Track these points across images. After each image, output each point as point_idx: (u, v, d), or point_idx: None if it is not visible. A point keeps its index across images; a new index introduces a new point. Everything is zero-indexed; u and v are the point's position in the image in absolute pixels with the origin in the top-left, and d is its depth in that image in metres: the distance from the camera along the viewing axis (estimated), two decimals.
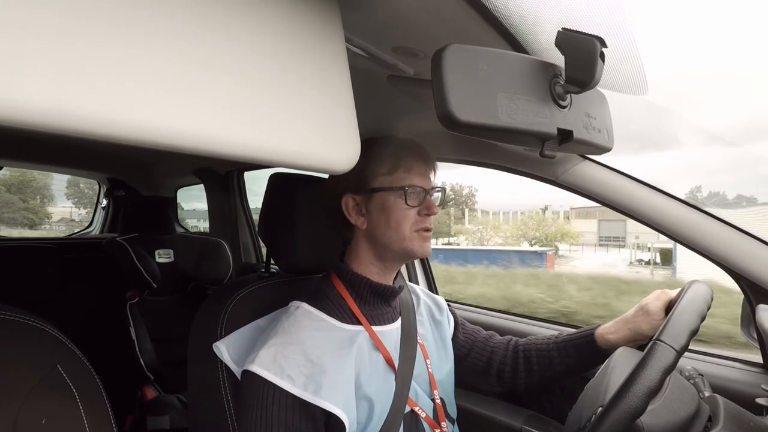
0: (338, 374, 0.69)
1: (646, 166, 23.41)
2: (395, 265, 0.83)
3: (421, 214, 0.78)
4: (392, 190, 0.77)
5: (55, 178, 5.81)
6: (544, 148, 0.52)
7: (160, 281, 1.81)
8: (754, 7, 46.62)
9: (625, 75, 0.59)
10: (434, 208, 0.79)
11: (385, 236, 0.78)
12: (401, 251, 0.78)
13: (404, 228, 0.77)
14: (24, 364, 0.54)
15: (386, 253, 0.79)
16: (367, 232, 0.80)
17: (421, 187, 0.78)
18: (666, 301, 0.81)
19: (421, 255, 0.80)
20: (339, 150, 0.44)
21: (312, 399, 0.65)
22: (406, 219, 0.77)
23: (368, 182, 0.78)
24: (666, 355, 0.55)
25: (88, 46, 0.29)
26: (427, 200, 0.78)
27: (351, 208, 0.80)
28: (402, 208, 0.76)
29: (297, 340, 0.70)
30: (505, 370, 0.93)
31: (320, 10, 0.45)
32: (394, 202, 0.77)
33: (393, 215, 0.77)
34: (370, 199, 0.78)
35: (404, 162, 0.78)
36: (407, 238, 0.77)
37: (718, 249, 0.86)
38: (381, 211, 0.77)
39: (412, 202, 0.76)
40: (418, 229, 0.77)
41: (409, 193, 0.76)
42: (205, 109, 0.35)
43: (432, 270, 1.59)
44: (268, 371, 0.66)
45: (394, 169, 0.77)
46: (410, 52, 0.65)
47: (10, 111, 0.26)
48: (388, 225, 0.77)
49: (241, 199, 2.20)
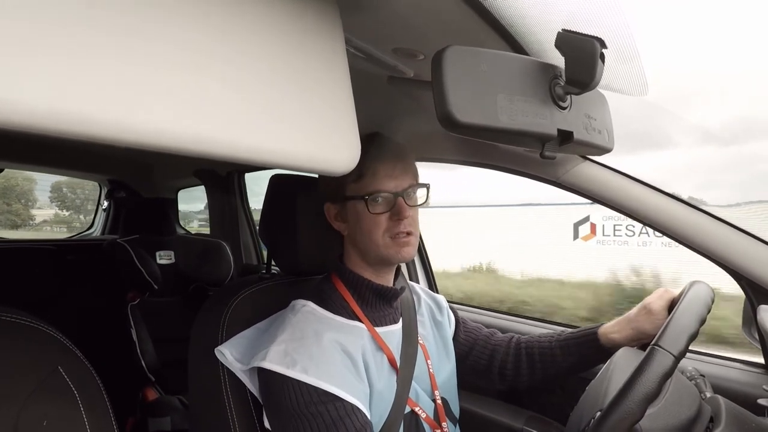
0: (348, 367, 0.69)
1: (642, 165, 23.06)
2: (384, 269, 0.81)
3: (392, 219, 0.74)
4: (359, 199, 0.74)
5: (38, 183, 6.04)
6: (545, 149, 0.52)
7: (161, 282, 1.81)
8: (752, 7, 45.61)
9: (626, 76, 0.59)
10: (405, 212, 0.74)
11: (362, 243, 0.77)
12: (377, 258, 0.77)
13: (376, 236, 0.74)
14: (25, 366, 0.54)
15: (369, 258, 0.79)
16: (349, 238, 0.80)
17: (387, 192, 0.74)
18: (669, 299, 0.80)
19: (399, 261, 0.78)
20: (339, 151, 0.44)
21: (327, 387, 0.65)
22: (376, 226, 0.74)
23: (341, 190, 0.77)
24: (664, 361, 0.55)
25: (88, 49, 0.29)
26: (397, 204, 0.74)
27: (333, 216, 0.80)
28: (369, 216, 0.74)
29: (306, 334, 0.70)
30: (507, 367, 0.93)
31: (320, 12, 0.45)
32: (362, 210, 0.74)
33: (363, 224, 0.75)
34: (344, 207, 0.78)
35: (370, 167, 0.74)
36: (381, 245, 0.75)
37: (719, 249, 0.85)
38: (355, 219, 0.76)
39: (376, 209, 0.73)
40: (393, 236, 0.74)
41: (370, 201, 0.73)
42: (205, 111, 0.35)
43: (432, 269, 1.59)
44: (279, 365, 0.66)
45: (360, 176, 0.74)
46: (410, 54, 0.65)
47: (12, 114, 0.26)
48: (362, 233, 0.76)
49: (241, 200, 2.20)
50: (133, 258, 1.78)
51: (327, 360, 0.67)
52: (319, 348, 0.68)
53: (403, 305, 0.86)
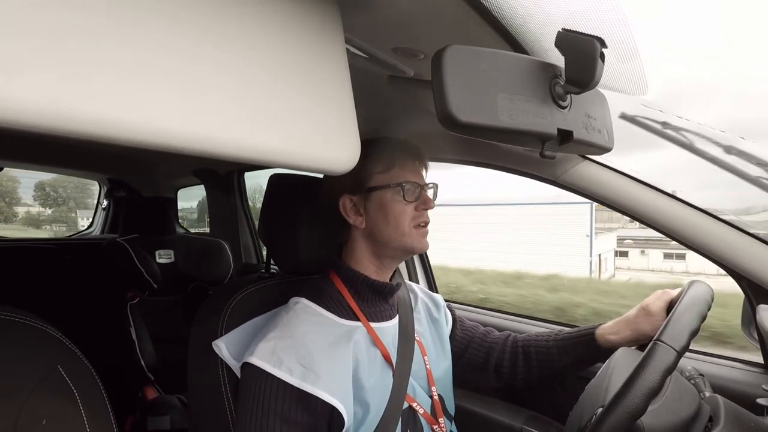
0: (336, 367, 0.69)
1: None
2: (393, 262, 0.84)
3: (418, 209, 0.80)
4: (389, 188, 0.78)
5: (22, 184, 6.26)
6: (545, 149, 0.52)
7: (161, 282, 1.81)
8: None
9: (625, 75, 0.59)
10: (431, 203, 0.81)
11: (384, 233, 0.79)
12: (400, 247, 0.79)
13: (403, 224, 0.78)
14: (24, 365, 0.54)
15: (385, 250, 0.81)
16: (365, 231, 0.81)
17: (416, 183, 0.80)
18: (667, 301, 0.81)
19: (420, 250, 0.81)
20: (339, 151, 0.44)
21: (310, 389, 0.65)
22: (404, 215, 0.78)
23: (365, 182, 0.79)
24: (666, 355, 0.55)
25: (89, 48, 0.29)
26: (423, 195, 0.81)
27: (349, 209, 0.81)
28: (400, 204, 0.78)
29: (295, 333, 0.71)
30: (504, 365, 0.94)
31: (320, 12, 0.45)
32: (391, 198, 0.78)
33: (391, 212, 0.78)
34: (368, 198, 0.80)
35: (399, 160, 0.80)
36: (406, 234, 0.78)
37: (719, 249, 0.85)
38: (379, 209, 0.79)
39: (409, 197, 0.78)
40: (416, 225, 0.79)
41: (406, 189, 0.78)
42: (205, 110, 0.35)
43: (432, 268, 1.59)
44: (266, 363, 0.67)
45: (390, 167, 0.79)
46: (410, 53, 0.65)
47: (11, 113, 0.26)
48: (387, 222, 0.78)
49: (241, 199, 2.20)
50: (133, 257, 1.78)
51: (313, 361, 0.68)
52: (307, 349, 0.69)
53: (399, 302, 0.87)
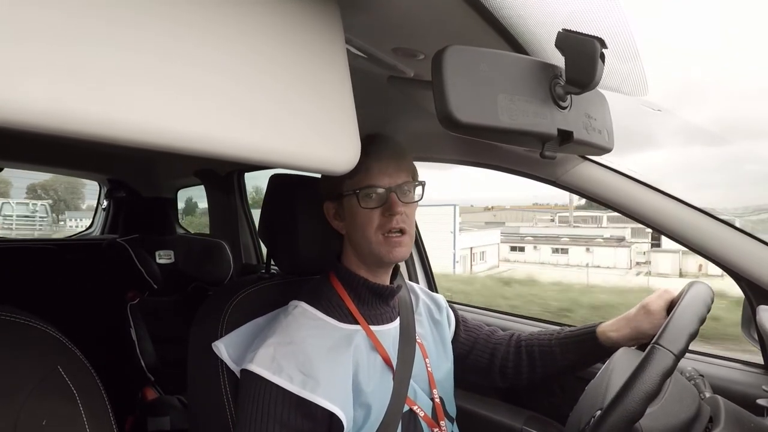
0: (335, 373, 0.69)
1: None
2: (380, 268, 0.81)
3: (385, 216, 0.75)
4: (353, 194, 0.75)
5: (14, 186, 6.63)
6: (545, 149, 0.52)
7: (161, 282, 1.81)
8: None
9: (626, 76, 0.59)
10: (395, 207, 0.74)
11: (357, 241, 0.77)
12: (372, 256, 0.77)
13: (368, 232, 0.75)
14: (24, 366, 0.54)
15: (363, 257, 0.79)
16: (347, 236, 0.81)
17: (379, 187, 0.74)
18: (668, 300, 0.80)
19: (390, 261, 0.77)
20: (339, 151, 0.44)
21: (310, 396, 0.65)
22: (369, 222, 0.74)
23: (338, 188, 0.78)
24: (664, 359, 0.55)
25: (88, 49, 0.29)
26: (389, 199, 0.74)
27: (332, 215, 0.81)
28: (363, 211, 0.75)
29: (295, 339, 0.70)
30: (508, 366, 0.93)
31: (320, 12, 0.45)
32: (355, 205, 0.75)
33: (357, 220, 0.76)
34: (341, 204, 0.79)
35: (364, 163, 0.73)
36: (374, 242, 0.75)
37: (719, 250, 0.85)
38: (350, 216, 0.77)
39: (367, 204, 0.74)
40: (385, 232, 0.74)
41: (361, 195, 0.74)
42: (205, 111, 0.35)
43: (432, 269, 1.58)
44: (266, 370, 0.66)
45: (356, 171, 0.74)
46: (410, 53, 0.65)
47: (11, 113, 0.26)
48: (356, 230, 0.77)
49: (241, 199, 2.20)
50: (133, 257, 1.78)
51: (313, 367, 0.67)
52: (306, 355, 0.68)
53: (400, 304, 0.86)
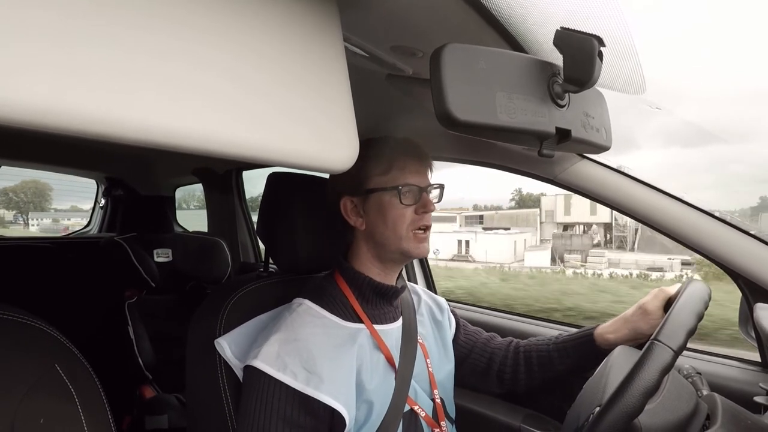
0: (339, 370, 0.69)
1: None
2: (396, 265, 0.83)
3: (418, 213, 0.78)
4: (387, 190, 0.77)
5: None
6: (543, 147, 0.52)
7: (159, 281, 1.81)
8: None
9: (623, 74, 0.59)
10: (431, 206, 0.79)
11: (383, 237, 0.78)
12: (398, 251, 0.78)
13: (401, 227, 0.77)
14: (22, 364, 0.54)
15: (385, 253, 0.80)
16: (365, 233, 0.81)
17: (416, 185, 0.78)
18: (664, 299, 0.81)
19: (417, 255, 0.80)
20: (337, 149, 0.44)
21: (314, 393, 0.65)
22: (402, 218, 0.77)
23: (364, 183, 0.79)
24: (663, 355, 0.55)
25: (87, 46, 0.29)
26: (423, 198, 0.79)
27: (349, 210, 0.81)
28: (398, 207, 0.77)
29: (299, 336, 0.70)
30: (506, 371, 0.93)
31: (319, 10, 0.45)
32: (389, 201, 0.77)
33: (389, 215, 0.77)
34: (367, 200, 0.79)
35: (398, 161, 0.78)
36: (404, 238, 0.77)
37: (716, 248, 0.86)
38: (377, 211, 0.78)
39: (407, 200, 0.77)
40: (415, 229, 0.78)
41: (403, 191, 0.76)
42: (203, 109, 0.35)
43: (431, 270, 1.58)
44: (271, 366, 0.67)
45: (389, 168, 0.78)
46: (409, 52, 0.65)
47: (8, 110, 0.26)
48: (385, 225, 0.77)
49: (239, 198, 2.19)
50: (131, 256, 1.78)
51: (317, 364, 0.68)
52: (310, 353, 0.69)
53: (402, 304, 0.86)
